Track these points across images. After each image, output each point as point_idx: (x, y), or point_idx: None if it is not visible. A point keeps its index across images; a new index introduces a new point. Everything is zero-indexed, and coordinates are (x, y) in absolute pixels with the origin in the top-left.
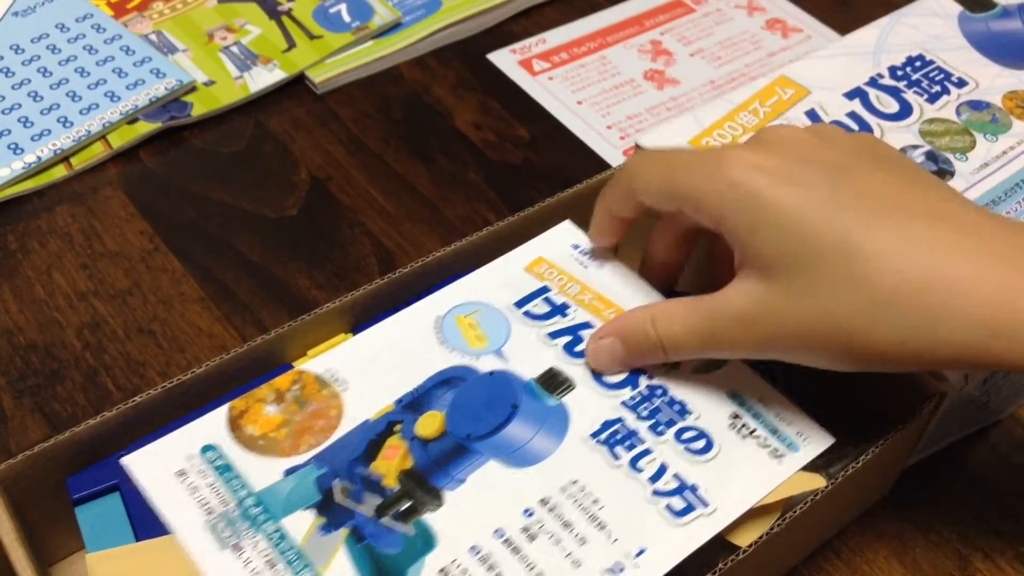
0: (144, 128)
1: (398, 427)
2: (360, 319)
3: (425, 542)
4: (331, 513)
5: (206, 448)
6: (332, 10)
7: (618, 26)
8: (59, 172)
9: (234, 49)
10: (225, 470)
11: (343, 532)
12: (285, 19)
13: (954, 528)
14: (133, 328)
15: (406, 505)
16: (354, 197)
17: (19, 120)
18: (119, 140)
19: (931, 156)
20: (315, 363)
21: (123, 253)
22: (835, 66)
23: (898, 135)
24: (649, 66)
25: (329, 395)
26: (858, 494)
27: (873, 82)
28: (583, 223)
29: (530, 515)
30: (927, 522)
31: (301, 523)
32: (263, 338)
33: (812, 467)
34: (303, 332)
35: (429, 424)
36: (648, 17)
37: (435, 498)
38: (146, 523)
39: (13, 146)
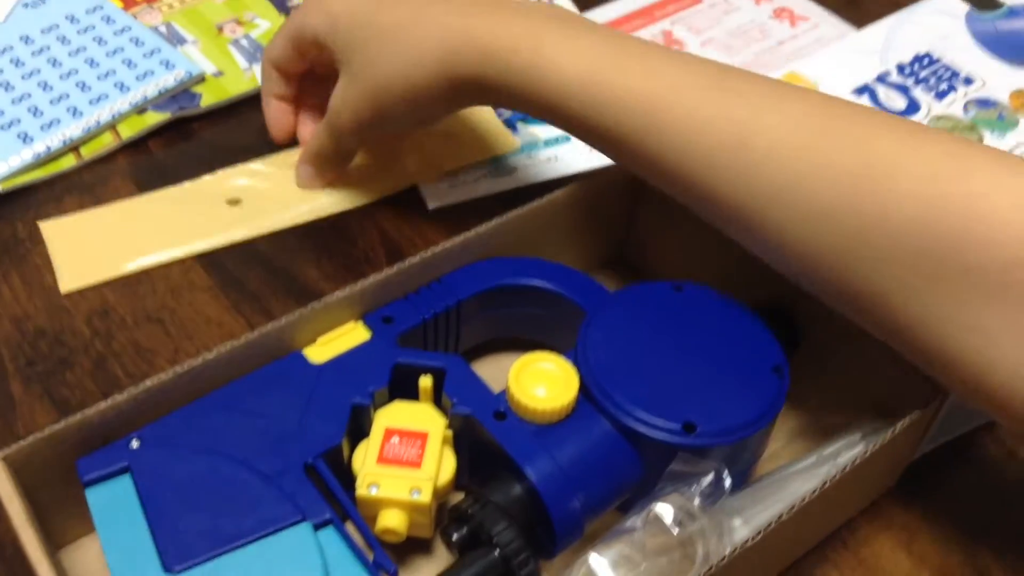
0: (153, 118)
1: None
2: (369, 307)
3: None
4: None
5: None
6: None
7: (628, 17)
8: (68, 162)
9: (243, 42)
10: None
11: None
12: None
13: (961, 520)
14: (142, 316)
15: None
16: None
17: (28, 110)
18: (128, 130)
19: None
20: None
21: None
22: (844, 62)
23: None
24: None
25: None
26: (865, 485)
27: (881, 79)
28: (599, 212)
29: None
30: (934, 514)
31: None
32: (273, 324)
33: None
34: (312, 319)
35: None
36: (658, 8)
37: None
38: (157, 505)
39: (23, 135)
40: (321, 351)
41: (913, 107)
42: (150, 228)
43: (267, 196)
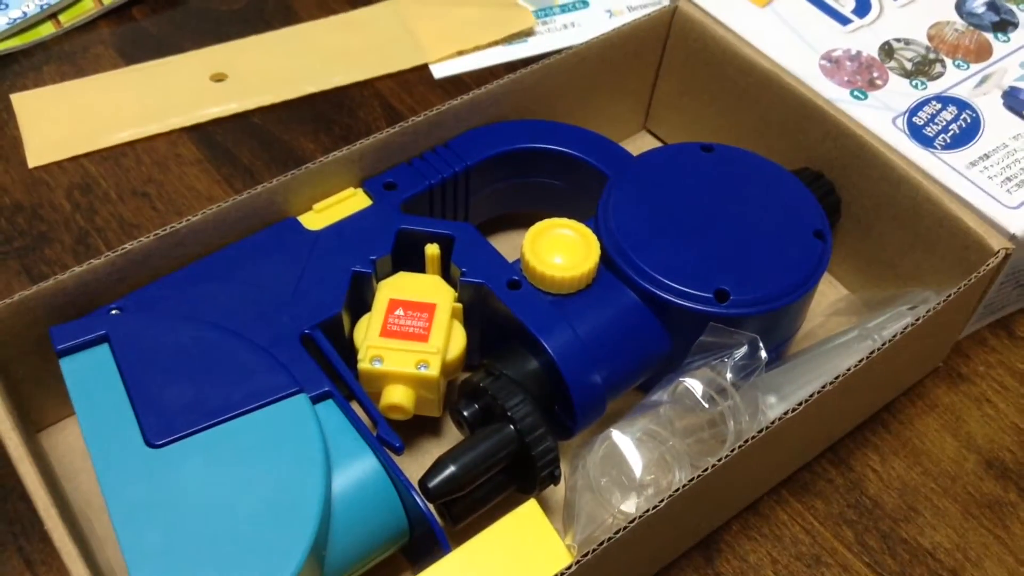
0: None
1: None
2: (368, 172)
3: None
4: None
5: None
6: None
7: None
8: (47, 30)
9: None
10: None
11: None
12: None
13: (1011, 401)
14: (126, 190)
15: None
16: None
17: None
18: None
19: (993, 6)
20: None
21: None
22: None
23: None
24: None
25: None
26: (910, 362)
27: None
28: (620, 74)
29: None
30: (982, 394)
31: None
32: (264, 186)
33: None
34: (308, 184)
35: None
36: None
37: None
38: (138, 376)
39: None
40: (318, 218)
41: None
42: (128, 102)
43: (255, 71)
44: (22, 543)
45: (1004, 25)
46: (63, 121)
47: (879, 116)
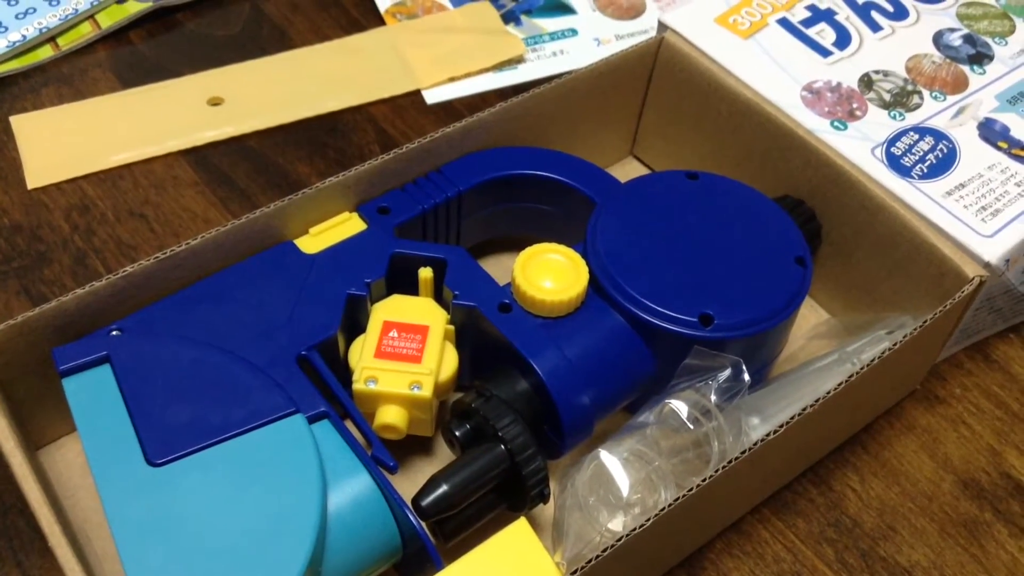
0: (134, 8)
1: None
2: (363, 197)
3: None
4: None
5: None
6: None
7: None
8: (45, 52)
9: None
10: None
11: None
12: None
13: (987, 423)
14: (124, 211)
15: None
16: None
17: None
18: (108, 20)
19: (969, 39)
20: None
21: None
22: None
23: (935, 18)
24: None
25: None
26: (889, 385)
27: None
28: (608, 102)
29: None
30: (959, 416)
31: None
32: (262, 211)
33: None
34: (304, 208)
35: None
36: None
37: None
38: (139, 396)
39: None
40: (314, 241)
41: None
42: (126, 125)
43: (250, 96)
44: (21, 558)
45: (980, 58)
46: (62, 143)
47: (858, 146)
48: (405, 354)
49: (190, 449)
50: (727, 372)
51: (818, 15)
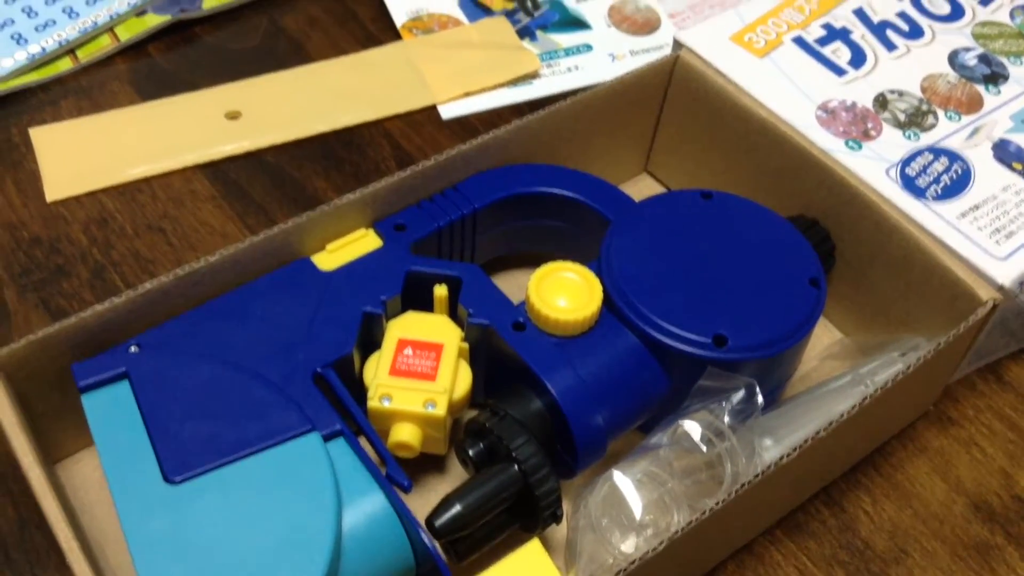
0: (153, 21)
1: None
2: (379, 215)
3: None
4: None
5: None
6: None
7: None
8: (65, 65)
9: None
10: None
11: None
12: None
13: (999, 445)
14: (142, 225)
15: None
16: None
17: (23, 10)
18: (127, 33)
19: (984, 59)
20: None
21: None
22: None
23: (950, 37)
24: None
25: None
26: (902, 407)
27: None
28: (623, 120)
29: None
30: (971, 438)
31: None
32: (280, 227)
33: None
34: (321, 225)
35: None
36: None
37: None
38: (157, 412)
39: (16, 36)
40: (330, 258)
41: (957, 12)
42: (144, 139)
43: (268, 110)
44: (38, 572)
45: (995, 78)
46: (80, 156)
47: (873, 166)
48: (420, 372)
49: (207, 467)
50: (740, 393)
51: (833, 34)
